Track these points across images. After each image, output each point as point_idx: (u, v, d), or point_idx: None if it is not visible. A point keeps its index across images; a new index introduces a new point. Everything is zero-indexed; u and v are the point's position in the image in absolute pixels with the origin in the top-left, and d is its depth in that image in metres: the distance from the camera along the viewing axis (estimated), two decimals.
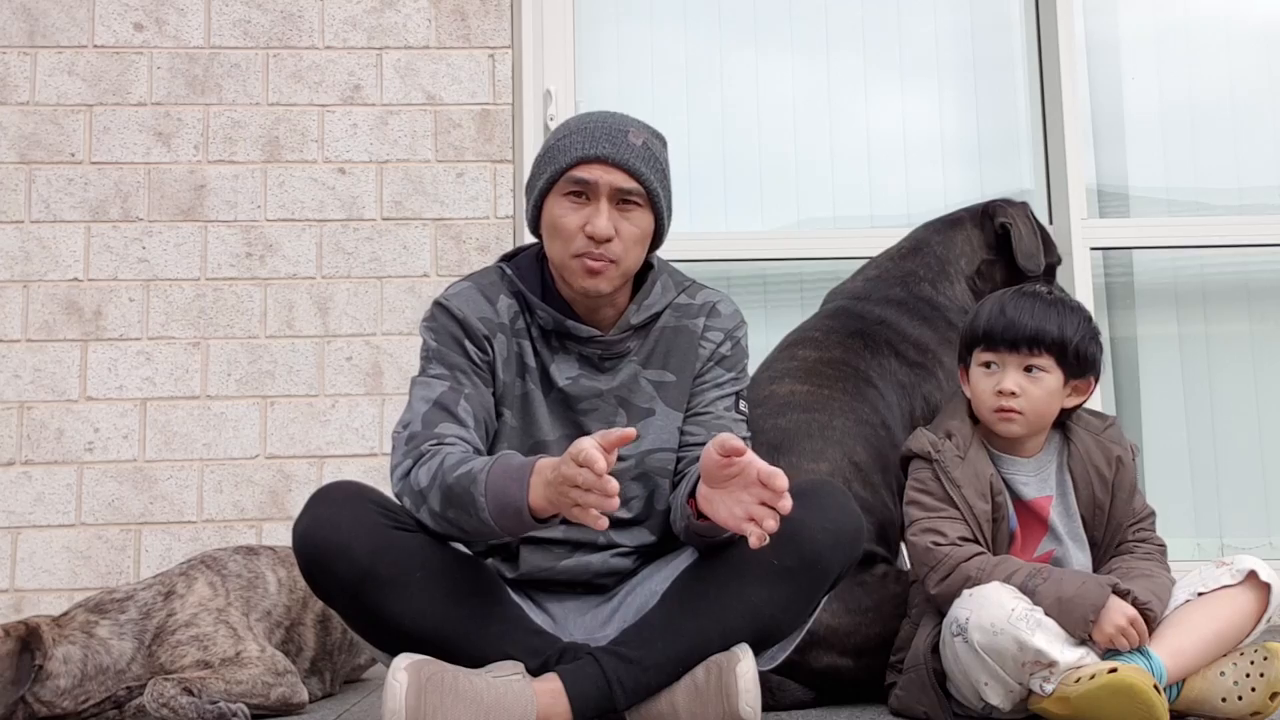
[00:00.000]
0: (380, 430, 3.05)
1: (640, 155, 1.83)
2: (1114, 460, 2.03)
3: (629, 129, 1.84)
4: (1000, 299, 2.00)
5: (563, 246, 1.84)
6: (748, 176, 3.42)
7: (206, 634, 2.09)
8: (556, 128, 1.90)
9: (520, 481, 1.62)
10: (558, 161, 1.83)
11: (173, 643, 2.08)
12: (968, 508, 1.95)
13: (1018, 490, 2.02)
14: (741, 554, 1.75)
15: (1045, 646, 1.75)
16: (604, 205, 1.81)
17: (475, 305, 1.89)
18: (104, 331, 3.06)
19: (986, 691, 1.81)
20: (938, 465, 1.97)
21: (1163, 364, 3.41)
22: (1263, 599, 1.87)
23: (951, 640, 1.83)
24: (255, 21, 3.20)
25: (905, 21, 3.50)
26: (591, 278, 1.83)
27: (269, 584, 2.25)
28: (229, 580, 2.20)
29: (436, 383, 1.84)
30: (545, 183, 1.85)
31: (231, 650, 2.07)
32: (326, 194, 3.15)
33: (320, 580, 1.72)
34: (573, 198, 1.83)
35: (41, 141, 3.12)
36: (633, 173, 1.82)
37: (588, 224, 1.81)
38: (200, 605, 2.13)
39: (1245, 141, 3.49)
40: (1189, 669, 1.83)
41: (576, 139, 1.83)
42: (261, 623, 2.20)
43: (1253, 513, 3.36)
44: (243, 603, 2.18)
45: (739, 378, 1.97)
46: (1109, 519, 2.02)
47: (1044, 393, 1.95)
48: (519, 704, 1.64)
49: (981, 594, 1.82)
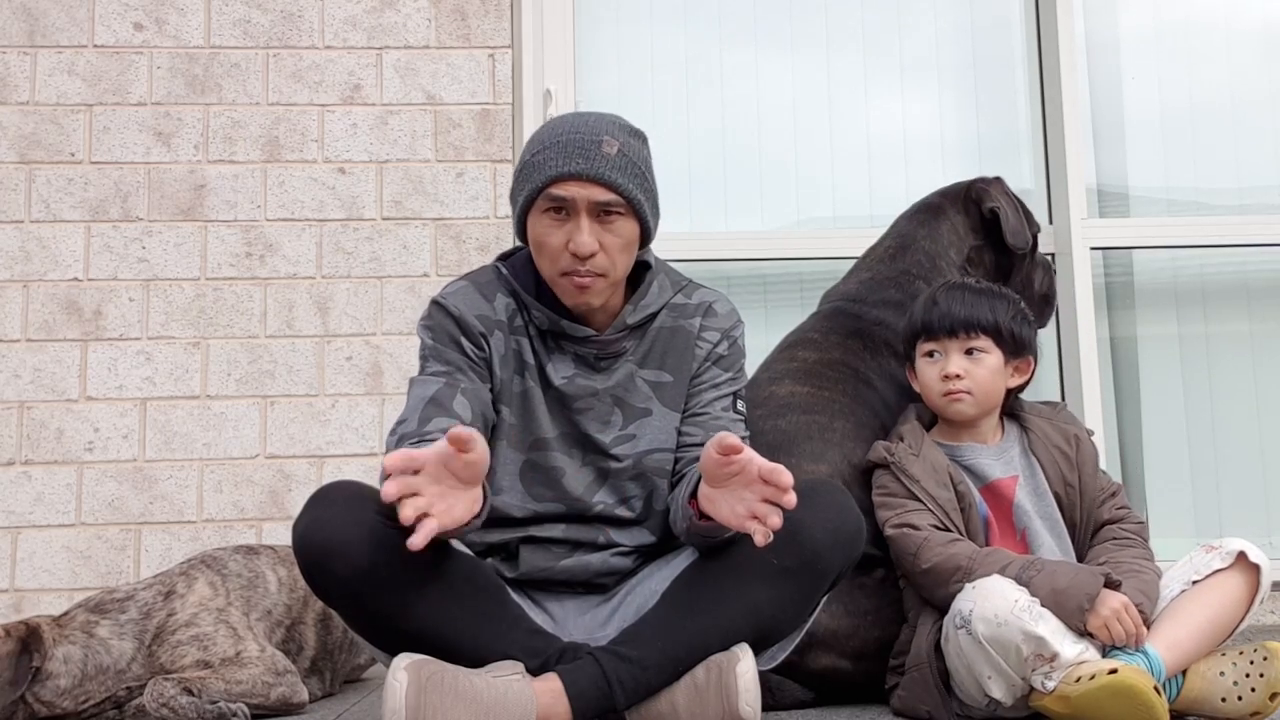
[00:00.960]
0: (380, 430, 3.06)
1: (616, 165, 1.80)
2: (1072, 439, 2.11)
3: (602, 138, 1.81)
4: (932, 294, 2.13)
5: (550, 264, 1.84)
6: (748, 176, 3.42)
7: (207, 634, 2.09)
8: (531, 139, 1.88)
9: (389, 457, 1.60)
10: (534, 179, 1.82)
11: (173, 642, 2.08)
12: (930, 499, 2.01)
13: (982, 472, 2.07)
14: (741, 554, 1.75)
15: (1049, 637, 1.75)
16: (584, 221, 1.80)
17: (472, 303, 1.90)
18: (104, 331, 3.06)
19: (989, 685, 1.81)
20: (894, 466, 2.05)
21: (1163, 364, 3.41)
22: (1253, 581, 1.88)
23: (955, 633, 1.83)
24: (255, 21, 3.20)
25: (905, 21, 3.50)
26: (581, 293, 1.84)
27: (269, 583, 2.25)
28: (229, 580, 2.20)
29: (433, 380, 1.84)
30: (525, 200, 1.84)
31: (231, 650, 2.07)
32: (326, 194, 3.15)
33: (320, 580, 1.72)
34: (553, 214, 1.82)
35: (41, 141, 3.12)
36: (610, 185, 1.80)
37: (570, 241, 1.80)
38: (200, 605, 2.13)
39: (1245, 141, 3.49)
40: (1187, 660, 1.83)
41: (550, 155, 1.81)
42: (262, 622, 2.20)
43: (1253, 513, 3.37)
44: (243, 602, 2.18)
45: (736, 377, 1.97)
46: (1081, 497, 2.07)
47: (987, 371, 2.06)
48: (519, 704, 1.64)
49: (984, 586, 1.83)
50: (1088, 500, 2.07)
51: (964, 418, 2.08)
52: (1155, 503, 3.35)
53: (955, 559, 1.92)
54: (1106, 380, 3.34)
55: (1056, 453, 2.09)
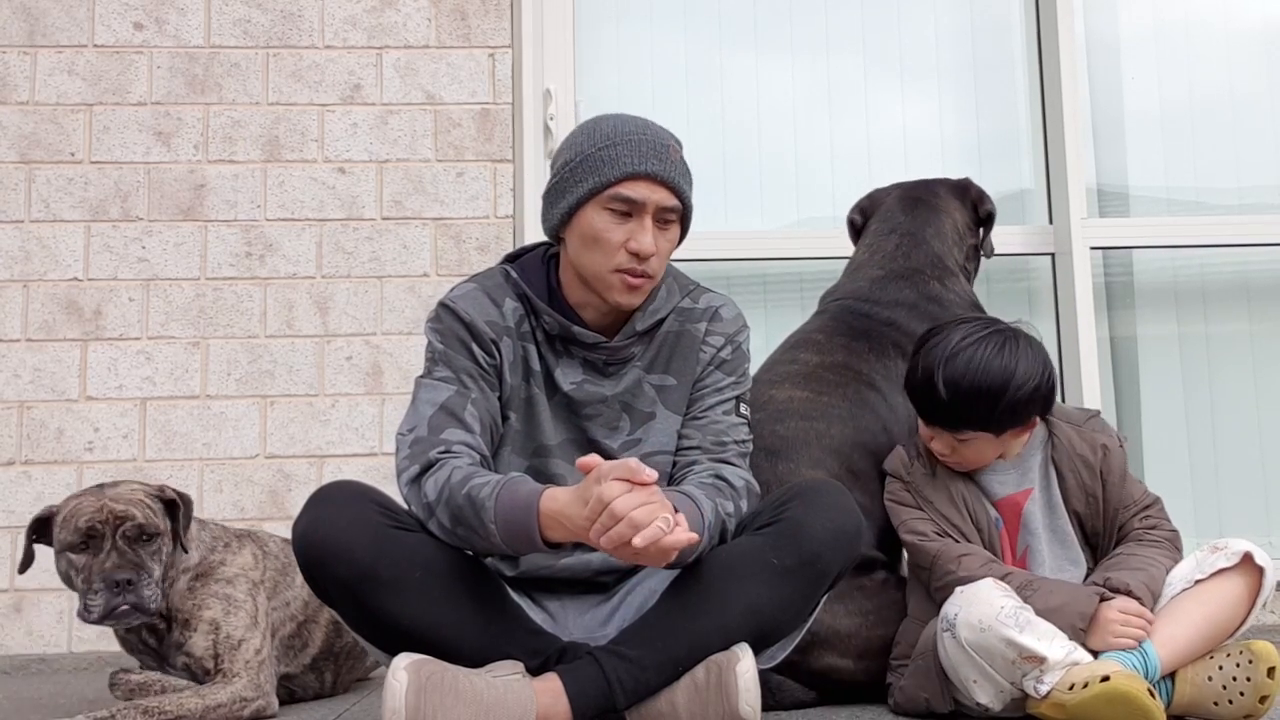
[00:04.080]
0: (380, 430, 3.05)
1: (681, 171, 1.84)
2: (1099, 448, 2.06)
3: (669, 143, 1.84)
4: (932, 381, 1.97)
5: (603, 260, 1.82)
6: (748, 176, 3.42)
7: (237, 600, 2.11)
8: (587, 132, 1.85)
9: (528, 514, 1.63)
10: (602, 173, 1.80)
11: (210, 590, 2.10)
12: (944, 519, 2.01)
13: (992, 490, 2.05)
14: (741, 554, 1.76)
15: (1032, 644, 1.75)
16: (649, 223, 1.81)
17: (481, 308, 1.88)
18: (104, 331, 3.06)
19: (974, 690, 1.81)
20: (910, 485, 2.06)
21: (1163, 364, 3.41)
22: (1256, 582, 1.86)
23: (942, 635, 1.84)
24: (255, 21, 3.20)
25: (905, 22, 3.50)
26: (630, 293, 1.84)
27: (297, 576, 2.25)
28: (269, 559, 2.24)
29: (443, 386, 1.83)
30: (585, 192, 1.81)
31: (238, 636, 2.07)
32: (326, 193, 3.15)
33: (320, 580, 1.72)
34: (615, 212, 1.81)
35: (41, 141, 3.12)
36: (677, 191, 1.83)
37: (631, 240, 1.80)
38: (242, 570, 2.17)
39: (1244, 141, 3.49)
40: (1183, 658, 1.83)
41: (623, 152, 1.80)
42: (278, 612, 2.20)
43: (1253, 513, 3.37)
44: (272, 585, 2.21)
45: (739, 381, 1.96)
46: (1104, 506, 2.04)
47: (975, 452, 2.02)
48: (519, 704, 1.64)
49: (972, 591, 1.84)
50: (1110, 509, 2.04)
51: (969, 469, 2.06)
52: None
53: (957, 574, 1.92)
54: (1106, 380, 3.34)
55: (1079, 461, 2.05)
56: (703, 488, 1.79)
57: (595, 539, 1.57)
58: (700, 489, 1.78)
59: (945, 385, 1.95)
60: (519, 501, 1.65)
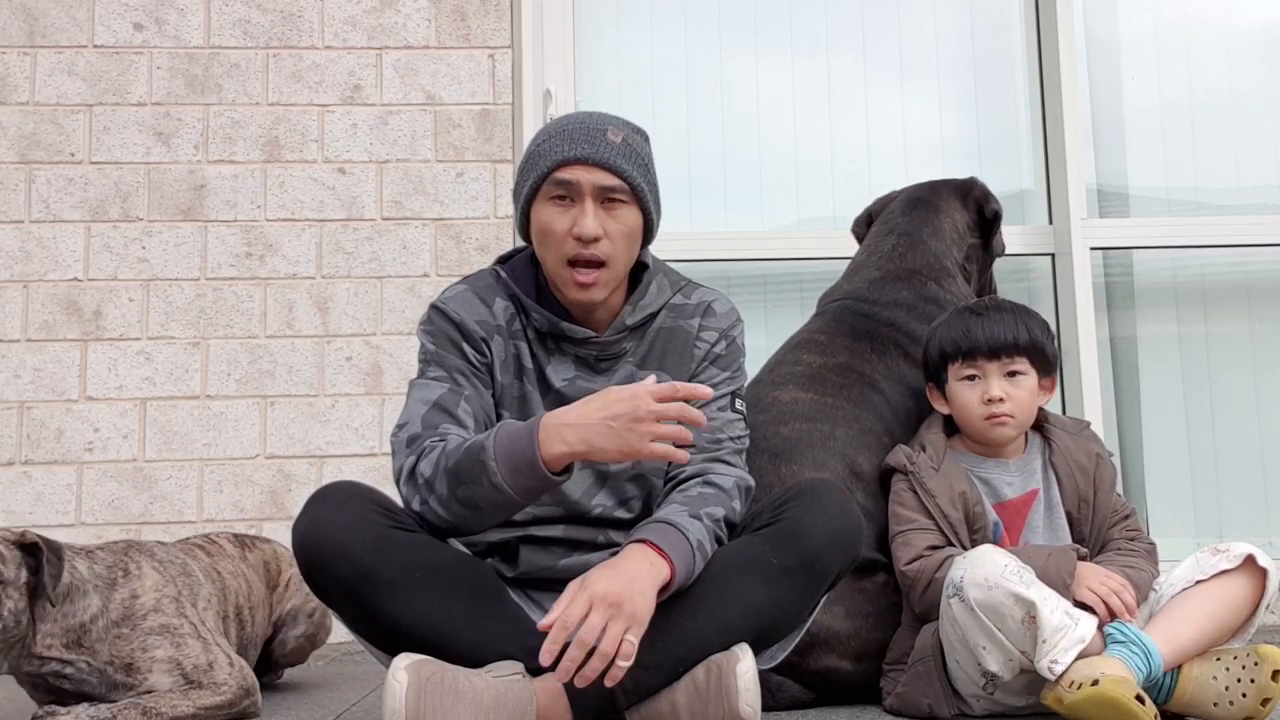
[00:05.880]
0: (380, 430, 3.06)
1: (620, 152, 1.84)
2: (1093, 456, 2.11)
3: (607, 127, 1.85)
4: (964, 317, 2.10)
5: (554, 251, 1.85)
6: (748, 176, 3.42)
7: (176, 627, 1.96)
8: (536, 134, 1.91)
9: (529, 435, 1.65)
10: (539, 167, 1.84)
11: (145, 627, 1.92)
12: (942, 516, 2.02)
13: (999, 491, 2.07)
14: (741, 554, 1.76)
15: (1038, 601, 1.76)
16: (589, 205, 1.82)
17: (471, 308, 1.90)
18: (104, 331, 3.06)
19: (985, 657, 1.81)
20: (912, 476, 2.05)
21: (1163, 364, 3.41)
22: (1259, 585, 1.87)
23: (949, 604, 1.84)
24: (255, 21, 3.20)
25: (905, 22, 3.50)
26: (583, 290, 1.84)
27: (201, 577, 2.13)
28: (170, 567, 2.06)
29: (435, 384, 1.84)
30: (529, 189, 1.86)
31: (204, 659, 1.96)
32: (326, 194, 3.15)
33: (320, 580, 1.72)
34: (558, 201, 1.84)
35: (41, 141, 3.12)
36: (614, 170, 1.83)
37: (574, 225, 1.82)
38: (158, 591, 1.99)
39: (1244, 141, 3.49)
40: (1185, 655, 1.84)
41: (555, 142, 1.84)
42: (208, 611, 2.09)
43: (1253, 513, 3.37)
44: (190, 594, 2.06)
45: (734, 377, 1.96)
46: (1094, 513, 2.08)
47: (1027, 393, 2.06)
48: (519, 704, 1.64)
49: (975, 554, 1.85)
50: (1100, 518, 2.08)
51: (1005, 440, 2.08)
52: (1155, 503, 3.35)
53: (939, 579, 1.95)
54: (1106, 380, 3.34)
55: (1075, 467, 2.08)
56: (688, 502, 1.78)
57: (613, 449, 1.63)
58: (685, 505, 1.77)
59: (976, 310, 2.09)
60: (517, 428, 1.68)
